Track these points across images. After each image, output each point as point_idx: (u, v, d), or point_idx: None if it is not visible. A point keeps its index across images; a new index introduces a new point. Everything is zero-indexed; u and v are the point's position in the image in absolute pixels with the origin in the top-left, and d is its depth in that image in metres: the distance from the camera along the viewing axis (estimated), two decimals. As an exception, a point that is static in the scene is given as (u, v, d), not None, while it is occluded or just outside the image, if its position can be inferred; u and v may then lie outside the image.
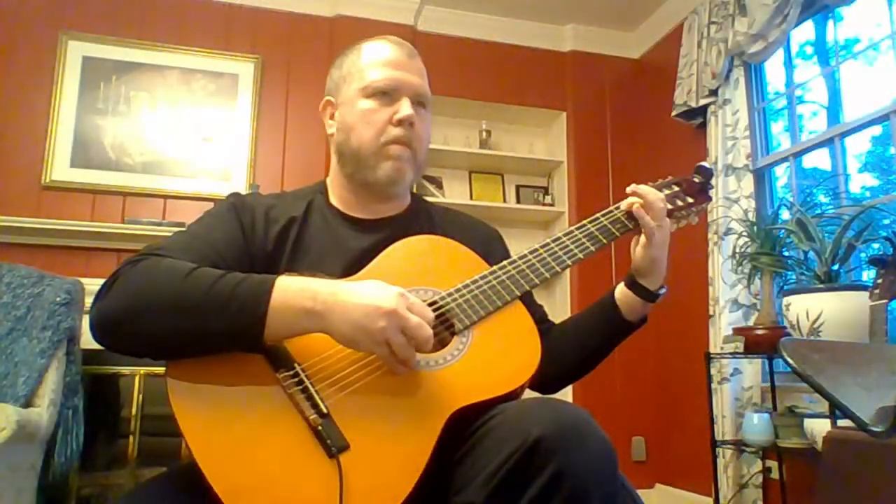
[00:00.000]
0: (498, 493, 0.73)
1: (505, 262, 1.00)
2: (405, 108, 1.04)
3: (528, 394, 0.91)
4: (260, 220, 1.02)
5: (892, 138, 2.38)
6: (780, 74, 3.03)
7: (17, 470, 1.97)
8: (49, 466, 2.17)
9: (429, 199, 1.47)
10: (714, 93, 2.99)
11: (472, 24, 3.66)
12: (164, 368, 0.82)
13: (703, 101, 3.04)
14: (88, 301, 1.51)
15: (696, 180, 1.14)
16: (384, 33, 1.15)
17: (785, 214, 2.54)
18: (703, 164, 1.15)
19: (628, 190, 1.06)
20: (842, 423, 1.65)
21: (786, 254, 2.34)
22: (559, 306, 3.53)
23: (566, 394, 3.24)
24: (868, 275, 2.29)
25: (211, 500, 0.72)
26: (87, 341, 2.33)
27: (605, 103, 3.78)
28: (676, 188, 1.13)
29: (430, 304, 0.90)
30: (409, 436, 0.80)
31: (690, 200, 1.13)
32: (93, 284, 2.16)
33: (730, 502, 2.58)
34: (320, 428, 0.78)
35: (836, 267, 2.08)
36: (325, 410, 0.80)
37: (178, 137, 3.13)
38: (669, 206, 1.08)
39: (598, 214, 1.06)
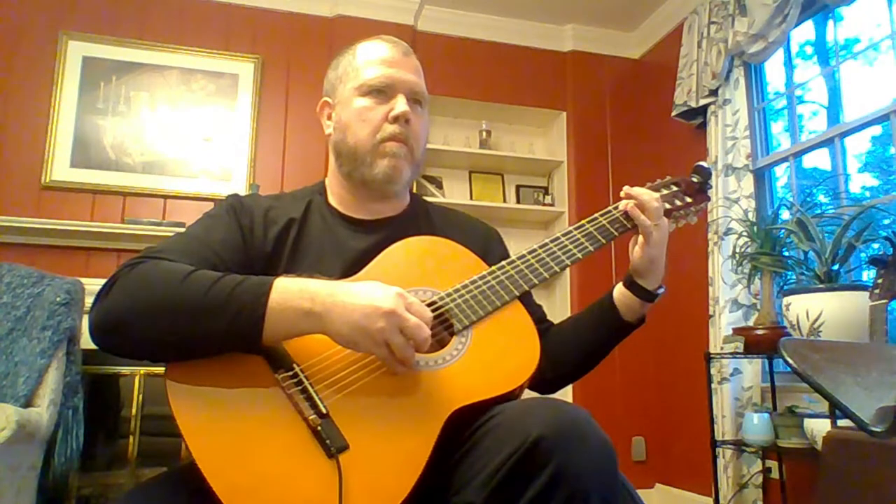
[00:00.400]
0: (497, 494, 0.73)
1: (504, 263, 1.00)
2: (400, 104, 1.04)
3: (528, 394, 0.91)
4: (259, 221, 1.02)
5: (892, 138, 2.38)
6: (780, 74, 3.03)
7: (17, 470, 1.97)
8: (49, 466, 2.17)
9: (428, 199, 1.47)
10: (714, 93, 2.99)
11: (472, 24, 3.66)
12: (164, 369, 0.82)
13: (703, 101, 3.04)
14: (88, 301, 1.52)
15: (695, 180, 1.14)
16: (384, 33, 1.15)
17: (785, 214, 2.54)
18: (702, 163, 1.16)
19: (622, 193, 1.06)
20: (842, 423, 1.65)
21: (786, 254, 2.34)
22: (559, 306, 3.53)
23: (566, 394, 3.24)
24: (868, 275, 2.29)
25: (210, 499, 0.72)
26: (87, 341, 2.33)
27: (605, 103, 3.78)
28: (675, 188, 1.14)
29: (429, 305, 0.90)
30: (408, 436, 0.80)
31: (689, 200, 1.13)
32: (93, 284, 2.16)
33: (730, 502, 2.58)
34: (319, 428, 0.78)
35: (836, 267, 2.08)
36: (324, 411, 0.80)
37: (178, 137, 3.13)
38: (668, 206, 1.08)
39: (596, 214, 1.07)
